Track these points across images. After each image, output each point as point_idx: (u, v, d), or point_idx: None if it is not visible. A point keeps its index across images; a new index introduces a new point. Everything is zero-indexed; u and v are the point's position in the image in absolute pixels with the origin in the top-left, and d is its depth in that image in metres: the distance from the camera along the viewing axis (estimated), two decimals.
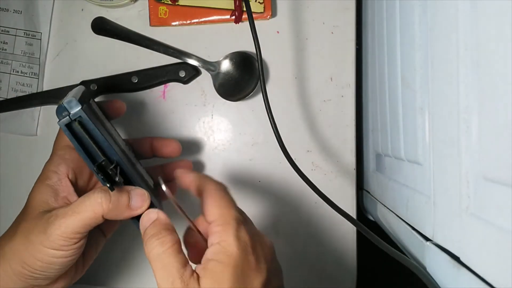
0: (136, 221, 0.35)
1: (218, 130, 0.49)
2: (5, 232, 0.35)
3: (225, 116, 0.49)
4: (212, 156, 0.49)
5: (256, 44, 0.41)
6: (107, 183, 0.32)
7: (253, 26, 0.41)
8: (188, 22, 0.48)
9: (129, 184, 0.35)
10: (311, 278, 0.49)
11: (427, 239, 0.32)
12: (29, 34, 0.49)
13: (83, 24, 0.48)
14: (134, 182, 0.35)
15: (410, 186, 0.36)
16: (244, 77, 0.47)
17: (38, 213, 0.34)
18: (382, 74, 0.42)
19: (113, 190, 0.32)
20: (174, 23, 0.48)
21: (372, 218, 0.53)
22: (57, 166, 0.36)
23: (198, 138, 0.49)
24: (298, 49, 0.49)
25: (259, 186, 0.49)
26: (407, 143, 0.36)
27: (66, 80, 0.49)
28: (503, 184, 0.22)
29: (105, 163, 0.32)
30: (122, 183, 0.34)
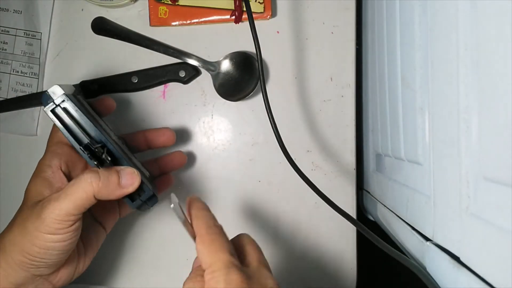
0: (129, 200, 0.35)
1: (218, 130, 0.49)
2: (4, 228, 0.36)
3: (225, 116, 0.49)
4: (212, 156, 0.49)
5: (256, 44, 0.41)
6: (94, 161, 0.34)
7: (253, 26, 0.41)
8: (188, 22, 0.48)
9: (118, 165, 0.36)
10: (311, 278, 0.49)
11: (427, 239, 0.32)
12: (29, 34, 0.49)
13: (83, 24, 0.48)
14: (123, 163, 0.36)
15: (410, 186, 0.36)
16: (244, 77, 0.47)
17: (34, 202, 0.35)
18: (382, 74, 0.42)
19: (100, 167, 0.34)
20: (174, 23, 0.48)
21: (372, 218, 0.53)
22: (50, 160, 0.37)
23: (198, 138, 0.49)
24: (298, 49, 0.49)
25: (259, 186, 0.49)
26: (407, 143, 0.36)
27: (66, 80, 0.49)
28: (503, 184, 0.22)
29: (90, 143, 0.34)
30: (109, 162, 0.35)
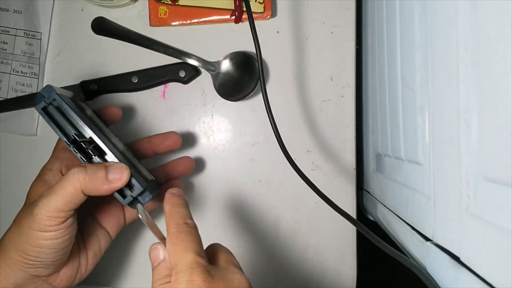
0: (120, 196, 0.35)
1: (218, 130, 0.49)
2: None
3: (225, 116, 0.49)
4: (212, 156, 0.49)
5: (256, 44, 0.41)
6: (80, 154, 0.35)
7: (253, 26, 0.41)
8: (188, 22, 0.48)
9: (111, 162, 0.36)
10: (311, 278, 0.49)
11: (427, 239, 0.32)
12: (29, 34, 0.49)
13: (83, 24, 0.48)
14: (114, 159, 0.36)
15: (410, 186, 0.36)
16: (244, 77, 0.47)
17: (31, 202, 0.35)
18: (382, 74, 0.42)
19: (85, 161, 0.35)
20: (174, 23, 0.48)
21: (372, 218, 0.53)
22: (52, 164, 0.38)
23: (198, 138, 0.49)
24: (298, 49, 0.49)
25: (259, 186, 0.49)
26: (407, 143, 0.36)
27: (66, 80, 0.49)
28: (503, 184, 0.22)
29: (77, 136, 0.35)
30: (96, 157, 0.35)
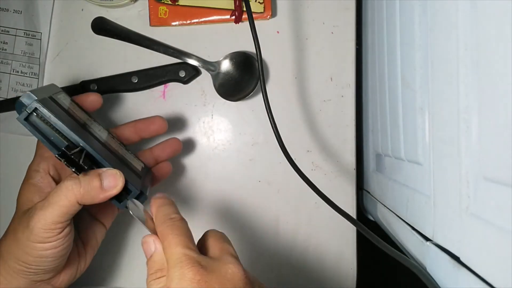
0: (116, 202, 0.35)
1: (218, 130, 0.49)
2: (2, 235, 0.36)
3: (225, 116, 0.49)
4: (212, 156, 0.49)
5: (256, 44, 0.41)
6: (72, 168, 0.33)
7: (253, 26, 0.41)
8: (188, 22, 0.48)
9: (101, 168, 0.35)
10: (311, 278, 0.49)
11: (427, 239, 0.32)
12: (29, 34, 0.49)
13: (83, 24, 0.48)
14: (105, 165, 0.35)
15: (410, 186, 0.36)
16: (244, 77, 0.47)
17: (24, 211, 0.35)
18: (382, 74, 0.42)
19: (78, 174, 0.33)
20: (174, 23, 0.48)
21: (372, 218, 0.53)
22: (38, 164, 0.37)
23: (198, 138, 0.49)
24: (298, 49, 0.49)
25: (259, 186, 0.49)
26: (407, 143, 0.36)
27: (66, 80, 0.49)
28: (503, 184, 0.22)
29: (67, 149, 0.33)
30: (88, 167, 0.34)
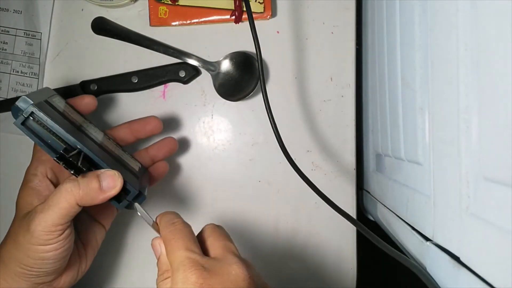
0: (116, 202, 0.35)
1: (218, 130, 0.49)
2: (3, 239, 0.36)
3: (225, 116, 0.49)
4: (212, 156, 0.49)
5: (256, 44, 0.41)
6: (71, 170, 0.33)
7: (253, 26, 0.41)
8: (188, 22, 0.48)
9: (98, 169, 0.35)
10: (311, 278, 0.49)
11: (427, 239, 0.32)
12: (29, 34, 0.49)
13: (83, 24, 0.48)
14: (103, 166, 0.35)
15: (410, 186, 0.36)
16: (244, 77, 0.47)
17: (23, 214, 0.35)
18: (382, 74, 0.42)
19: (77, 176, 0.33)
20: (174, 23, 0.48)
21: (372, 218, 0.53)
22: (35, 168, 0.37)
23: (198, 138, 0.49)
24: (298, 49, 0.49)
25: (259, 186, 0.49)
26: (407, 143, 0.36)
27: (66, 80, 0.49)
28: (503, 184, 0.22)
29: (65, 152, 0.33)
30: (87, 169, 0.34)
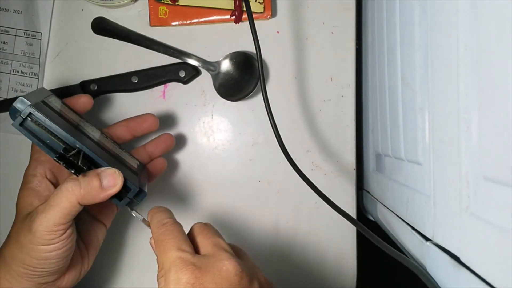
0: (117, 200, 0.35)
1: (218, 130, 0.49)
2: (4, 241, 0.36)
3: (225, 116, 0.49)
4: (212, 156, 0.49)
5: (256, 44, 0.41)
6: (71, 170, 0.33)
7: (253, 26, 0.41)
8: (188, 22, 0.48)
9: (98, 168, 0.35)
10: (311, 278, 0.49)
11: (427, 239, 0.32)
12: (29, 34, 0.49)
13: (83, 24, 0.48)
14: (103, 165, 0.35)
15: (410, 186, 0.36)
16: (244, 77, 0.47)
17: (24, 215, 0.35)
18: (382, 74, 0.42)
19: (78, 175, 0.34)
20: (174, 23, 0.48)
21: (372, 218, 0.53)
22: (34, 169, 0.37)
23: (198, 138, 0.49)
24: (298, 49, 0.49)
25: (259, 186, 0.49)
26: (407, 143, 0.36)
27: (66, 80, 0.49)
28: (503, 184, 0.22)
29: (65, 151, 0.33)
30: (87, 168, 0.34)
